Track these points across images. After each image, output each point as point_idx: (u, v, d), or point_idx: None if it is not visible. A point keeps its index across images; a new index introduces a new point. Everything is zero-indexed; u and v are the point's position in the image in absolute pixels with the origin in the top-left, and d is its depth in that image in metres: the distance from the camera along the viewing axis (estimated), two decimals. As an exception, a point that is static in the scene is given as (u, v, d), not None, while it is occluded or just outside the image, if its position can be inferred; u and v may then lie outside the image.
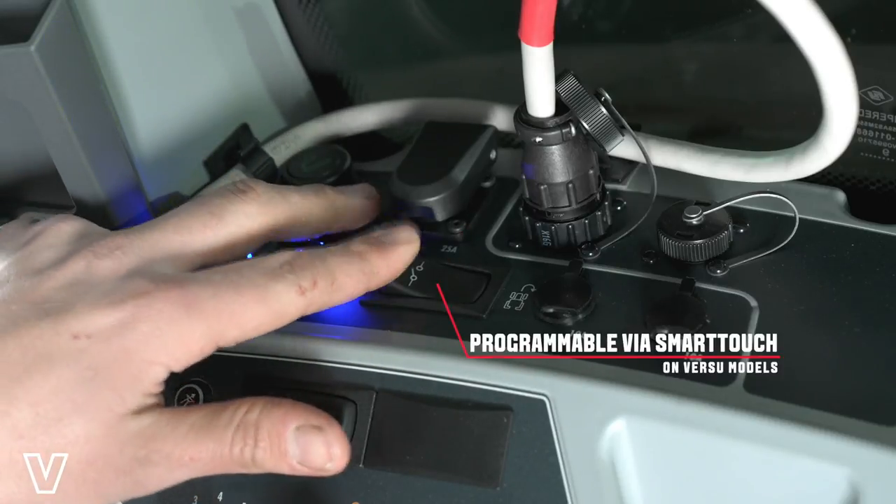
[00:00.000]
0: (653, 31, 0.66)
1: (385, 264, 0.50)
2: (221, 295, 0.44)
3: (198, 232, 0.48)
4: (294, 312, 0.47)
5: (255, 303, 0.45)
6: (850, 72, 0.43)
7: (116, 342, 0.43)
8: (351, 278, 0.49)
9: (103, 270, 0.45)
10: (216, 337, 0.44)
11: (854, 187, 0.60)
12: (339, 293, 0.48)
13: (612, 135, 0.52)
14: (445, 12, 0.72)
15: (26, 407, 0.42)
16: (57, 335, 0.43)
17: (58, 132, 0.53)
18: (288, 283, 0.46)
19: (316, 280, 0.47)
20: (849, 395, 0.45)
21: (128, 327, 0.43)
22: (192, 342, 0.44)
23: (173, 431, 0.44)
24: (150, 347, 0.43)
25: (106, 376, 0.43)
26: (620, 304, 0.52)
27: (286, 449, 0.45)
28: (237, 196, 0.50)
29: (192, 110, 0.64)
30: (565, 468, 0.49)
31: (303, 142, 0.68)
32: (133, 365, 0.43)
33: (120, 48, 0.58)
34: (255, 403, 0.46)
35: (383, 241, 0.51)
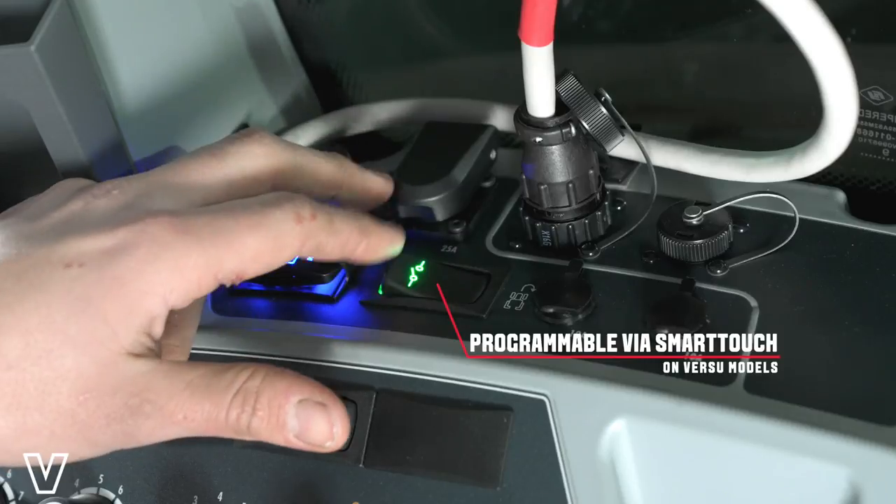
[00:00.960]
0: (653, 31, 0.66)
1: (377, 232, 0.50)
2: (217, 221, 0.44)
3: (196, 171, 0.47)
4: (292, 243, 0.46)
5: (250, 228, 0.44)
6: (850, 72, 0.43)
7: (109, 270, 0.42)
8: (348, 226, 0.48)
9: (100, 206, 0.45)
10: (213, 265, 0.43)
11: (854, 187, 0.60)
12: (334, 237, 0.47)
13: (612, 135, 0.52)
14: (445, 12, 0.72)
15: (17, 336, 0.41)
16: (49, 263, 0.42)
17: (58, 132, 0.53)
18: (285, 210, 0.45)
19: (315, 214, 0.46)
20: (849, 395, 0.45)
21: (121, 253, 0.42)
22: (187, 269, 0.42)
23: (170, 385, 0.42)
24: (144, 275, 0.42)
25: (99, 307, 0.41)
26: (620, 304, 0.52)
27: (285, 421, 0.44)
28: (239, 138, 0.49)
29: (191, 110, 0.64)
30: (565, 468, 0.49)
31: (303, 142, 0.67)
32: (127, 295, 0.42)
33: (119, 48, 0.58)
34: (258, 370, 0.44)
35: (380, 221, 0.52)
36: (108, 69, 0.57)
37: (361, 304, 0.56)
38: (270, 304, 0.58)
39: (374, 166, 0.66)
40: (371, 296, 0.56)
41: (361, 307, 0.56)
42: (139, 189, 0.46)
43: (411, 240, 0.58)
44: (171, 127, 0.62)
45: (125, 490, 0.56)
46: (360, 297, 0.56)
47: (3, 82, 0.51)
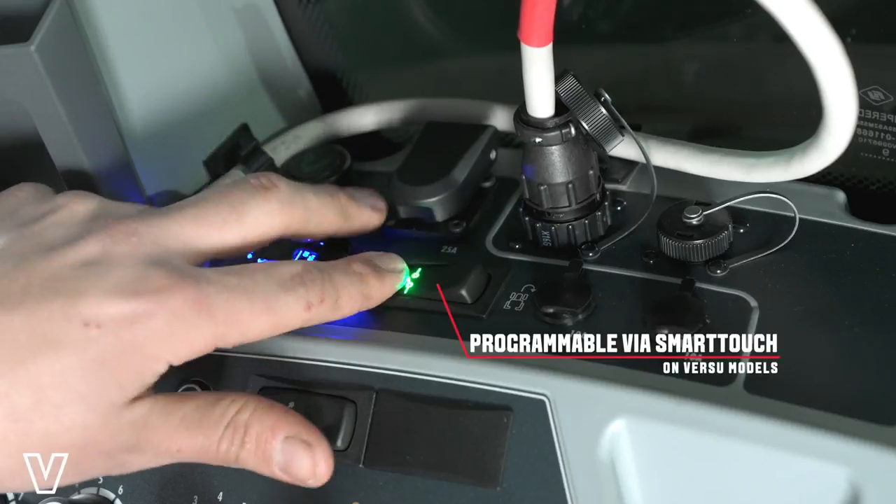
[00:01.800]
0: (653, 31, 0.66)
1: (380, 290, 0.51)
2: (234, 301, 0.45)
3: (216, 226, 0.48)
4: (296, 325, 0.47)
5: (263, 313, 0.46)
6: (850, 72, 0.43)
7: (126, 335, 0.43)
8: (351, 300, 0.50)
9: (118, 255, 0.45)
10: (219, 339, 0.45)
11: (854, 187, 0.60)
12: (338, 312, 0.49)
13: (612, 135, 0.52)
14: (445, 12, 0.72)
15: (27, 391, 0.42)
16: (67, 320, 0.42)
17: (58, 132, 0.53)
18: (298, 297, 0.47)
19: (323, 298, 0.48)
20: (849, 395, 0.45)
21: (140, 321, 0.43)
22: (197, 342, 0.44)
23: (165, 422, 0.44)
24: (157, 343, 0.43)
25: (112, 368, 0.43)
26: (620, 304, 0.52)
27: (270, 456, 0.46)
28: (259, 193, 0.50)
29: (191, 110, 0.64)
30: (565, 468, 0.49)
31: (303, 142, 0.68)
32: (139, 359, 0.43)
33: (120, 48, 0.58)
34: (247, 403, 0.46)
35: (380, 266, 0.52)
36: (108, 69, 0.57)
37: (361, 305, 0.56)
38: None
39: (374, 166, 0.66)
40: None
41: (361, 307, 0.56)
42: (158, 240, 0.46)
43: (411, 240, 0.59)
44: (171, 126, 0.62)
45: (125, 490, 0.56)
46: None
47: (3, 82, 0.51)
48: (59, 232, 0.46)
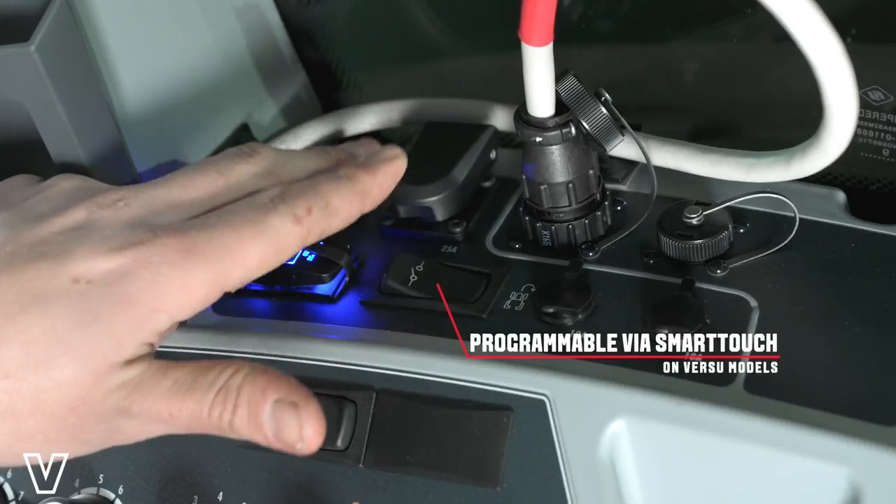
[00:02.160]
0: (653, 31, 0.66)
1: (376, 183, 0.50)
2: (219, 234, 0.44)
3: (202, 189, 0.48)
4: (294, 242, 0.47)
5: (253, 238, 0.45)
6: (850, 72, 0.43)
7: (118, 288, 0.42)
8: (344, 200, 0.49)
9: (104, 219, 0.45)
10: (220, 279, 0.44)
11: (854, 187, 0.60)
12: (335, 217, 0.48)
13: (612, 135, 0.52)
14: (445, 12, 0.72)
15: (17, 346, 0.41)
16: (55, 277, 0.42)
17: (58, 132, 0.53)
18: (282, 213, 0.46)
19: (310, 207, 0.47)
20: (849, 395, 0.45)
21: (129, 274, 0.43)
22: (194, 286, 0.44)
23: (157, 386, 0.43)
24: (152, 294, 0.43)
25: (107, 322, 0.42)
26: (620, 304, 0.52)
27: (262, 420, 0.44)
28: (243, 159, 0.50)
29: (191, 110, 0.64)
30: (565, 468, 0.49)
31: (303, 142, 0.67)
32: (136, 312, 0.43)
33: (120, 47, 0.58)
34: (240, 367, 0.45)
35: (370, 161, 0.52)
36: (108, 69, 0.57)
37: (361, 304, 0.56)
38: (270, 304, 0.58)
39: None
40: (371, 296, 0.56)
41: (361, 307, 0.56)
42: (144, 204, 0.46)
43: (411, 240, 0.59)
44: (171, 126, 0.62)
45: (125, 490, 0.56)
46: (360, 297, 0.56)
47: (3, 82, 0.51)
48: (46, 205, 0.47)
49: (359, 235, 0.60)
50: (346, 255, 0.57)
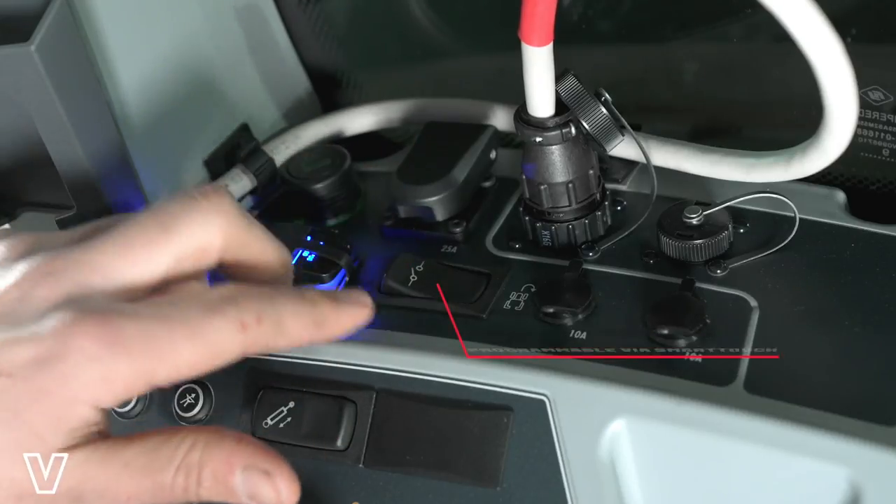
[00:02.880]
0: (653, 31, 0.66)
1: (336, 318, 0.45)
2: (149, 330, 0.41)
3: (142, 251, 0.43)
4: (233, 350, 0.42)
5: (185, 339, 0.41)
6: (850, 72, 0.43)
7: (36, 381, 0.40)
8: (299, 323, 0.44)
9: (35, 300, 0.42)
10: (145, 375, 0.41)
11: (854, 187, 0.60)
12: (282, 337, 0.43)
13: (612, 135, 0.52)
14: (445, 12, 0.72)
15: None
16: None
17: (58, 132, 0.53)
18: (228, 317, 0.42)
19: (261, 317, 0.42)
20: (849, 395, 0.45)
21: (46, 364, 0.40)
22: (116, 380, 0.40)
23: (105, 470, 0.41)
24: (70, 386, 0.40)
25: (26, 418, 0.40)
26: (620, 304, 0.52)
27: (233, 488, 0.42)
28: (190, 203, 0.44)
29: (191, 110, 0.64)
30: (565, 468, 0.49)
31: (303, 142, 0.67)
32: (54, 405, 0.40)
33: (120, 48, 0.58)
34: (196, 441, 0.42)
35: (338, 295, 0.46)
36: (109, 69, 0.57)
37: (361, 304, 0.56)
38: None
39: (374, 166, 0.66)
40: (371, 296, 0.56)
41: (361, 307, 0.55)
42: (78, 277, 0.42)
43: (411, 240, 0.59)
44: (171, 126, 0.62)
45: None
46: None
47: (3, 82, 0.51)
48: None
49: (359, 235, 0.60)
50: (346, 255, 0.57)
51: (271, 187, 0.65)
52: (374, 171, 0.66)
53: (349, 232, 0.60)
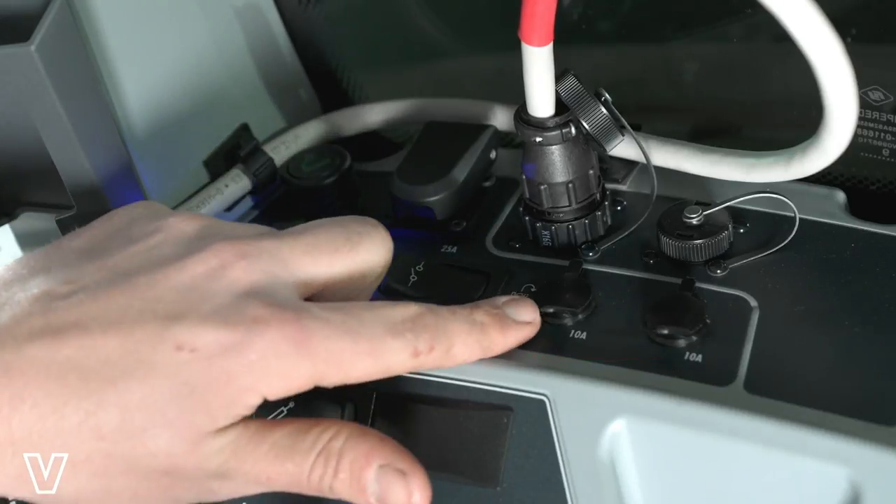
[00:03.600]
0: (653, 31, 0.66)
1: (502, 341, 0.48)
2: (336, 339, 0.43)
3: (327, 255, 0.46)
4: (401, 370, 0.45)
5: (366, 355, 0.43)
6: (850, 72, 0.43)
7: (219, 363, 0.41)
8: (467, 349, 0.47)
9: (224, 280, 0.43)
10: (318, 378, 0.43)
11: (854, 187, 0.60)
12: (450, 360, 0.46)
13: (612, 135, 0.52)
14: (445, 12, 0.72)
15: (115, 411, 0.41)
16: (161, 341, 0.41)
17: (58, 132, 0.53)
18: (405, 342, 0.44)
19: (433, 345, 0.45)
20: (849, 395, 0.45)
21: (235, 351, 0.41)
22: (293, 379, 0.42)
23: (255, 450, 0.43)
24: (251, 376, 0.41)
25: (202, 395, 0.41)
26: (620, 304, 0.52)
27: (365, 485, 0.43)
28: (372, 227, 0.48)
29: (191, 110, 0.64)
30: (565, 468, 0.49)
31: (303, 142, 0.68)
32: (231, 389, 0.42)
33: (120, 48, 0.58)
34: (341, 430, 0.44)
35: (507, 316, 0.49)
36: (109, 69, 0.57)
37: (361, 304, 0.56)
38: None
39: (374, 166, 0.66)
40: (371, 296, 0.56)
41: (361, 307, 0.55)
42: (267, 267, 0.44)
43: (411, 240, 0.59)
44: (171, 125, 0.62)
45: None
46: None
47: (3, 82, 0.51)
48: (165, 250, 0.45)
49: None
50: (346, 255, 0.57)
51: (271, 187, 0.65)
52: (374, 171, 0.66)
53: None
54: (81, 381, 0.41)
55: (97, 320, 0.42)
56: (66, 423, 0.40)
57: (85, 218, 0.54)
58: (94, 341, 0.41)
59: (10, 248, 0.70)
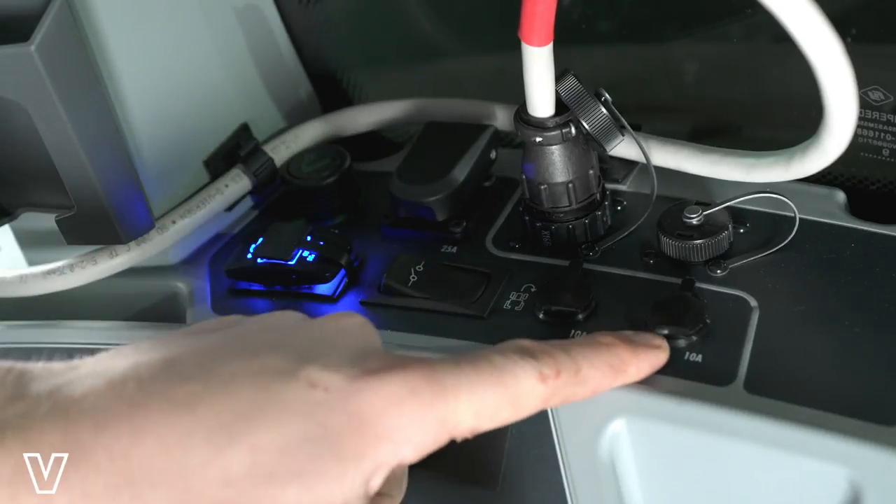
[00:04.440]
0: (653, 31, 0.66)
1: (635, 361, 0.46)
2: (461, 372, 0.41)
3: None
4: (535, 402, 0.42)
5: (492, 385, 0.41)
6: (850, 72, 0.43)
7: (354, 402, 0.39)
8: (598, 371, 0.44)
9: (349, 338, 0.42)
10: (451, 420, 0.40)
11: (854, 187, 0.60)
12: (583, 386, 0.44)
13: (612, 135, 0.52)
14: (445, 12, 0.72)
15: (245, 451, 0.37)
16: (294, 380, 0.39)
17: (58, 132, 0.53)
18: (528, 367, 0.42)
19: (559, 370, 0.43)
20: (849, 395, 0.45)
21: (368, 388, 0.39)
22: (427, 419, 0.40)
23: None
24: (385, 417, 0.39)
25: (335, 439, 0.38)
26: (620, 304, 0.52)
27: None
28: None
29: (192, 110, 0.64)
30: (565, 468, 0.49)
31: (303, 142, 0.67)
32: (365, 433, 0.38)
33: (120, 48, 0.58)
34: None
35: (633, 338, 0.47)
36: (109, 69, 0.57)
37: (361, 304, 0.56)
38: (271, 304, 0.58)
39: (374, 166, 0.66)
40: (371, 296, 0.56)
41: (361, 307, 0.56)
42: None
43: (411, 240, 0.59)
44: (171, 125, 0.62)
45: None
46: (361, 297, 0.56)
47: (3, 82, 0.51)
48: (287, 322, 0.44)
49: (359, 235, 0.60)
50: (346, 255, 0.57)
51: (271, 187, 0.65)
52: (374, 171, 0.66)
53: (349, 232, 0.60)
54: (211, 413, 0.37)
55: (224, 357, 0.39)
56: (193, 459, 0.36)
57: (85, 218, 0.55)
58: (222, 377, 0.38)
59: (11, 248, 0.70)
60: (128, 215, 0.56)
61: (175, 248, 0.62)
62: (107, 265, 0.59)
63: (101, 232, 0.56)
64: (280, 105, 0.71)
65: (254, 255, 0.58)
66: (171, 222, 0.60)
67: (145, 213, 0.58)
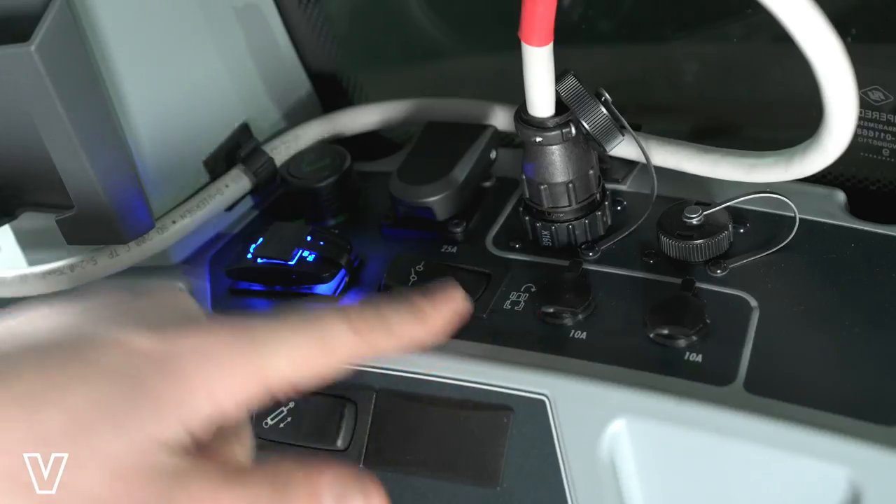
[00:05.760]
0: (653, 31, 0.66)
1: (436, 310, 0.46)
2: (270, 323, 0.43)
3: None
4: (346, 349, 0.43)
5: (302, 330, 0.43)
6: (850, 72, 0.43)
7: (168, 358, 0.41)
8: (405, 323, 0.45)
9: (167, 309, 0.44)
10: (263, 369, 0.42)
11: (854, 187, 0.60)
12: (394, 337, 0.45)
13: (612, 135, 0.52)
14: (445, 12, 0.72)
15: (59, 410, 0.39)
16: (107, 343, 0.41)
17: (58, 132, 0.53)
18: (337, 316, 0.43)
19: (367, 320, 0.44)
20: (849, 395, 0.45)
21: (182, 343, 0.41)
22: (239, 371, 0.41)
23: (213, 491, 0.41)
24: (200, 370, 0.41)
25: (150, 393, 0.40)
26: (620, 304, 0.52)
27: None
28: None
29: (192, 110, 0.64)
30: (565, 468, 0.49)
31: (303, 142, 0.67)
32: (179, 388, 0.41)
33: (120, 48, 0.58)
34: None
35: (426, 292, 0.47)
36: (109, 69, 0.57)
37: (361, 304, 0.56)
38: (271, 303, 0.58)
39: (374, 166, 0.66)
40: (371, 295, 0.56)
41: (361, 307, 0.55)
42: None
43: (411, 240, 0.59)
44: (171, 125, 0.62)
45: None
46: (360, 297, 0.56)
47: (3, 82, 0.51)
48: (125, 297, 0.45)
49: (359, 235, 0.60)
50: (346, 255, 0.57)
51: (271, 187, 0.65)
52: (374, 171, 0.66)
53: (349, 232, 0.60)
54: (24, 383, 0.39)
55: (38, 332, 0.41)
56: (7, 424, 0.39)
57: (85, 218, 0.55)
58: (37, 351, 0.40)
59: (11, 248, 0.70)
60: (128, 215, 0.56)
61: (175, 248, 0.62)
62: (107, 265, 0.59)
63: (101, 232, 0.56)
64: (280, 105, 0.71)
65: (254, 255, 0.58)
66: (172, 222, 0.60)
67: (145, 213, 0.58)
